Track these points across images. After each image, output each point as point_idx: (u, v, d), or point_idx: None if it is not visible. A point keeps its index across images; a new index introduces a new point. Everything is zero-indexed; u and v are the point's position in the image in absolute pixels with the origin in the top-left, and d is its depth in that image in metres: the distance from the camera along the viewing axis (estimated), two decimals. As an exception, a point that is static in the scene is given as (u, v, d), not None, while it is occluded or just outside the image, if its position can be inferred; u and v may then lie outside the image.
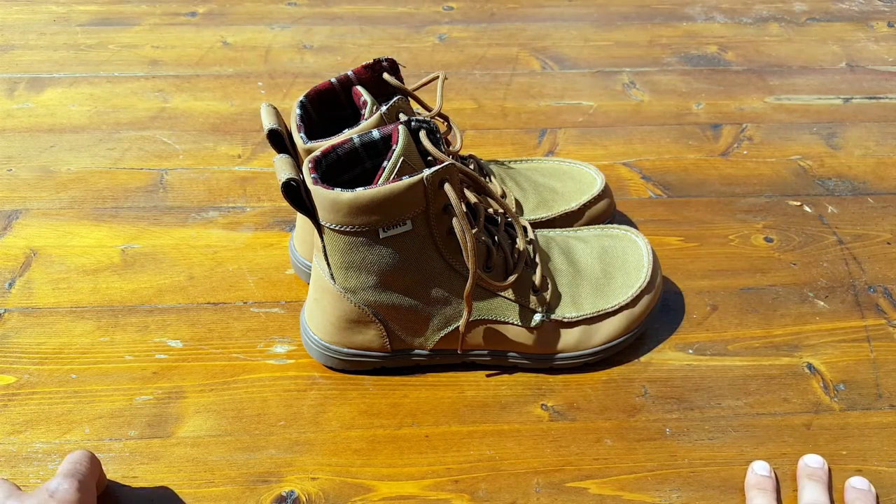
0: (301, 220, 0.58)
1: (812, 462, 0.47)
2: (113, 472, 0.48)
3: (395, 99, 0.50)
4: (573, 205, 0.60)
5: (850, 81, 0.87)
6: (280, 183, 0.45)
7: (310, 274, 0.56)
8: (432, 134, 0.48)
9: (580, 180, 0.62)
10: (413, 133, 0.48)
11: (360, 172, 0.49)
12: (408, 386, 0.53)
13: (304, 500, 0.46)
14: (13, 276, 0.61)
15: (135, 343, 0.56)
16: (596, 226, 0.59)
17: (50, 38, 0.93)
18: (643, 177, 0.72)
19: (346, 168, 0.49)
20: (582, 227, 0.58)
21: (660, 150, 0.76)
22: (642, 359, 0.55)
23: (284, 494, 0.47)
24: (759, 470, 0.47)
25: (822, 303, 0.60)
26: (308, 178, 0.45)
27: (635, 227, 0.66)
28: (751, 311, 0.59)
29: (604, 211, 0.62)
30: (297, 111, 0.51)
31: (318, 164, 0.46)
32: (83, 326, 0.57)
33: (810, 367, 0.55)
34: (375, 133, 0.48)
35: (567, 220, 0.60)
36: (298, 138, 0.50)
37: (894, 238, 0.66)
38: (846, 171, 0.74)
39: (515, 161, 0.65)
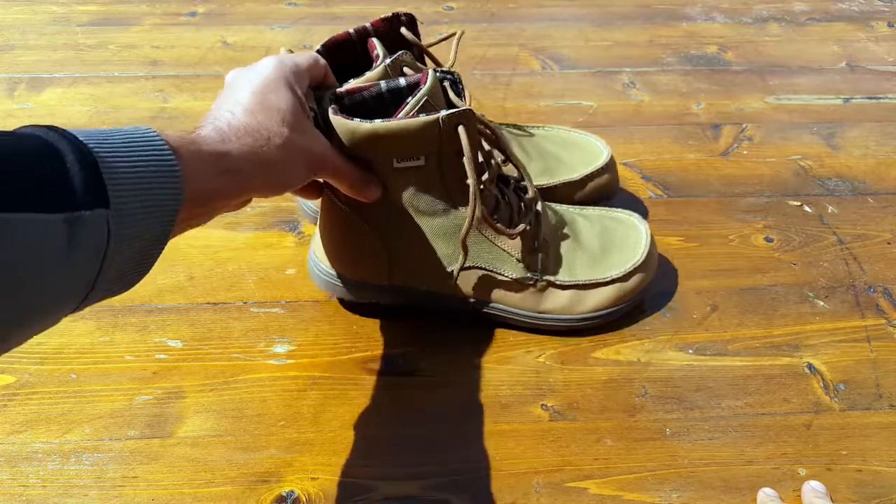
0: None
1: (819, 487, 0.47)
2: (112, 473, 0.48)
3: (400, 53, 0.51)
4: (576, 175, 0.61)
5: (850, 81, 0.87)
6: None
7: (310, 213, 0.62)
8: (455, 85, 0.50)
9: (587, 151, 0.63)
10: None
11: (385, 118, 0.50)
12: (408, 386, 0.53)
13: (304, 500, 0.46)
14: (13, 276, 0.61)
15: (135, 343, 0.56)
16: (602, 207, 0.60)
17: (50, 39, 0.93)
18: (643, 177, 0.72)
19: (370, 112, 0.49)
20: (588, 207, 0.60)
21: (660, 150, 0.76)
22: (642, 359, 0.55)
23: (284, 494, 0.47)
24: (769, 491, 0.47)
25: (822, 303, 0.60)
26: (329, 110, 0.47)
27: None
28: (751, 311, 0.59)
29: (606, 184, 0.62)
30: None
31: (339, 100, 0.48)
32: (83, 326, 0.57)
33: (810, 367, 0.55)
34: (402, 81, 0.49)
35: (568, 189, 0.61)
36: None
37: (894, 238, 0.66)
38: (846, 171, 0.74)
39: (526, 126, 0.65)
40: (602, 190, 0.62)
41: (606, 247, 0.57)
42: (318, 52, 0.53)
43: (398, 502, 0.47)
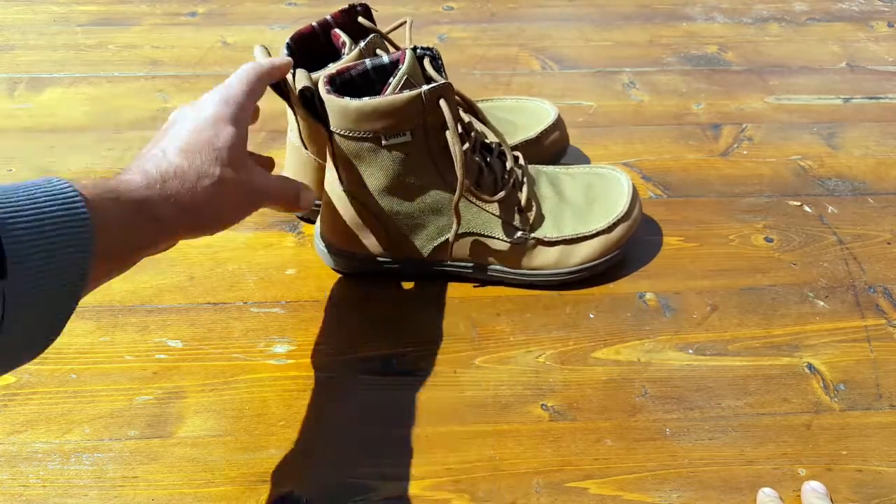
0: (288, 155, 0.64)
1: (818, 487, 0.47)
2: (112, 473, 0.48)
3: (372, 36, 0.56)
4: (532, 134, 0.67)
5: (850, 81, 0.87)
6: (297, 90, 0.51)
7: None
8: (435, 61, 0.54)
9: (537, 114, 0.69)
10: (418, 60, 0.53)
11: (371, 94, 0.53)
12: (407, 386, 0.53)
13: (304, 500, 0.46)
14: (13, 276, 0.61)
15: (135, 343, 0.56)
16: (585, 165, 0.65)
17: (50, 38, 0.93)
18: (643, 177, 0.72)
19: (358, 89, 0.53)
20: (573, 165, 0.64)
21: (660, 150, 0.76)
22: (642, 359, 0.55)
23: (284, 494, 0.47)
24: (769, 491, 0.47)
25: (822, 303, 0.60)
26: (322, 89, 0.51)
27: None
28: (751, 311, 0.59)
29: (558, 139, 0.68)
30: (285, 51, 0.57)
31: (332, 81, 0.52)
32: (83, 326, 0.57)
33: (810, 367, 0.55)
34: (385, 58, 0.53)
35: (527, 147, 0.65)
36: (288, 73, 0.55)
37: (894, 238, 0.66)
38: (846, 171, 0.74)
39: (479, 100, 0.70)
40: (555, 145, 0.68)
41: (590, 201, 0.60)
42: (287, 44, 0.57)
43: (398, 502, 0.47)
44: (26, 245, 0.30)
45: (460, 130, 0.54)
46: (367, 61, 0.53)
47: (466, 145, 0.54)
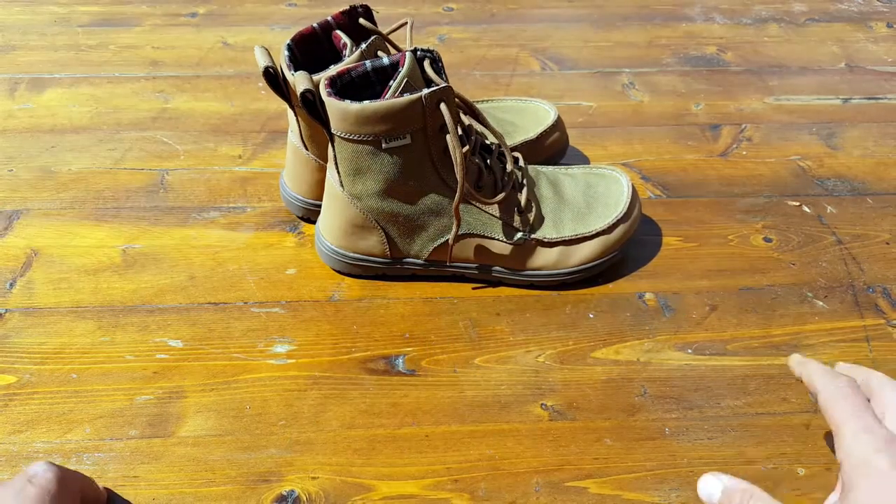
0: (289, 156, 0.64)
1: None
2: (113, 472, 0.48)
3: (373, 38, 0.56)
4: (532, 135, 0.67)
5: (850, 82, 0.87)
6: (298, 93, 0.51)
7: (298, 206, 0.65)
8: (435, 63, 0.54)
9: (537, 115, 0.69)
10: (418, 62, 0.53)
11: (372, 95, 0.54)
12: (408, 386, 0.53)
13: (305, 499, 0.47)
14: (14, 276, 0.61)
15: (135, 343, 0.56)
16: (585, 165, 0.65)
17: (51, 39, 0.93)
18: (643, 177, 0.73)
19: (358, 90, 0.54)
20: (573, 165, 0.64)
21: (659, 150, 0.76)
22: (642, 359, 0.55)
23: (285, 494, 0.47)
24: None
25: (821, 303, 0.60)
26: (323, 91, 0.52)
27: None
28: (750, 311, 0.59)
29: (557, 140, 0.68)
30: (286, 52, 0.57)
31: (333, 83, 0.52)
32: (84, 326, 0.57)
33: (809, 366, 0.55)
34: (385, 59, 0.53)
35: (527, 148, 0.66)
36: (289, 75, 0.55)
37: (893, 238, 0.66)
38: (845, 172, 0.74)
39: (478, 101, 0.71)
40: (555, 145, 0.68)
41: (590, 201, 0.60)
42: (287, 45, 0.57)
43: (398, 502, 0.47)
44: None
45: (460, 133, 0.54)
46: (367, 63, 0.54)
47: (466, 147, 0.54)
